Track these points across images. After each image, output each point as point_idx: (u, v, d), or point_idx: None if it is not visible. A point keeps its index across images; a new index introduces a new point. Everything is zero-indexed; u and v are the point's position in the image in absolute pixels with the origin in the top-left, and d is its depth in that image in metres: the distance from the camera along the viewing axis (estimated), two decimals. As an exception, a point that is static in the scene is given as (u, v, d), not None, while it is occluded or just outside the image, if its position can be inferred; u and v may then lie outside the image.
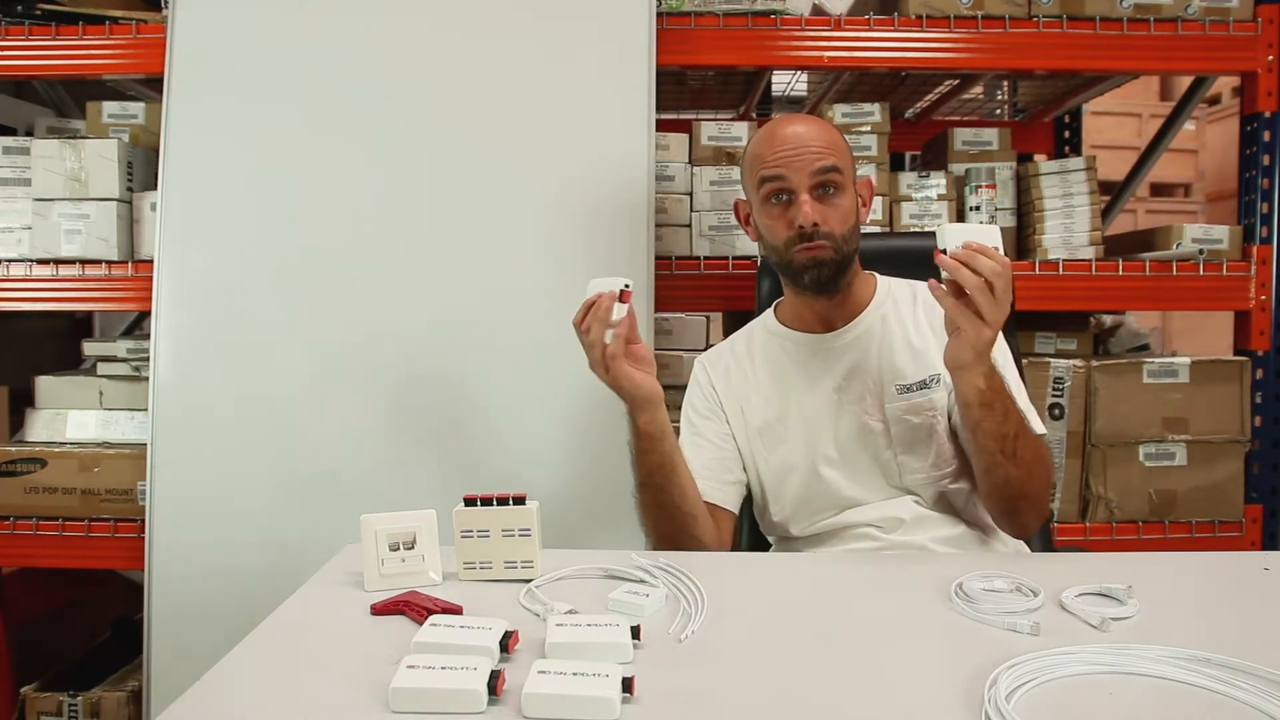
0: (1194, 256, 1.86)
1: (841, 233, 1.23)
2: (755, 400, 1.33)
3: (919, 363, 1.26)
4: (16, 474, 1.82)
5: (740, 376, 1.35)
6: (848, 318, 1.31)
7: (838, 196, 1.24)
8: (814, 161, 1.22)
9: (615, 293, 1.14)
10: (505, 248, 1.72)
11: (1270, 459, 1.89)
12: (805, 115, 1.30)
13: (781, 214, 1.24)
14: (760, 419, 1.32)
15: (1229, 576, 1.06)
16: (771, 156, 1.24)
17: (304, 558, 1.11)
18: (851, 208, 1.26)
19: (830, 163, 1.22)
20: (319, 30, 1.75)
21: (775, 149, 1.24)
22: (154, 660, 1.68)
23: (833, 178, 1.23)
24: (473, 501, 1.02)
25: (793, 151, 1.22)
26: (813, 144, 1.23)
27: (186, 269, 1.73)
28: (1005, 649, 0.79)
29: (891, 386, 1.26)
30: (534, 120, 1.74)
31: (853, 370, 1.29)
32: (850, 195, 1.26)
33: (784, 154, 1.23)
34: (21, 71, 1.93)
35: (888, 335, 1.29)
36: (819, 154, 1.22)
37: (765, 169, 1.24)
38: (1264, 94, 1.86)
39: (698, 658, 0.82)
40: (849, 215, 1.25)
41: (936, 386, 1.25)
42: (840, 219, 1.24)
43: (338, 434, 1.69)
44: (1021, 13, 1.83)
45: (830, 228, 1.22)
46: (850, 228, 1.25)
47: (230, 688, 0.77)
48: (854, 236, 1.26)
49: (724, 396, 1.35)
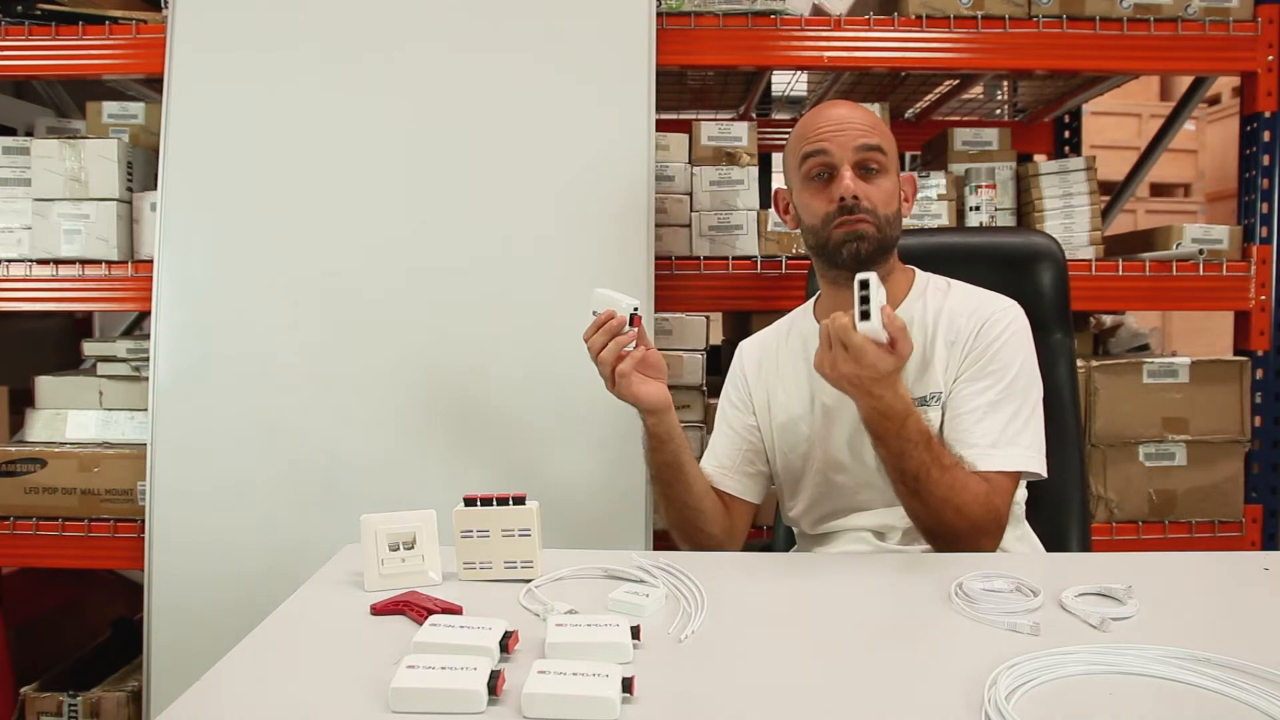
0: (1194, 256, 1.86)
1: (884, 214, 1.22)
2: (781, 396, 1.33)
3: (924, 378, 1.24)
4: (16, 474, 1.82)
5: (771, 369, 1.35)
6: None
7: (880, 177, 1.22)
8: (858, 138, 1.21)
9: (625, 318, 1.15)
10: (505, 247, 1.72)
11: (1270, 459, 1.89)
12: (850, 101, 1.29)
13: (822, 189, 1.23)
14: (784, 415, 1.32)
15: (1229, 576, 1.06)
16: (814, 132, 1.23)
17: (304, 558, 1.11)
18: (894, 191, 1.24)
19: (875, 141, 1.21)
20: (319, 30, 1.75)
21: (819, 126, 1.23)
22: (154, 660, 1.68)
23: (876, 157, 1.21)
24: (473, 501, 1.02)
25: (836, 128, 1.22)
26: (859, 122, 1.22)
27: (186, 269, 1.72)
28: (1005, 649, 0.79)
29: None
30: (534, 120, 1.73)
31: None
32: (893, 180, 1.24)
33: (828, 130, 1.22)
34: (21, 71, 1.93)
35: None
36: (863, 131, 1.21)
37: (808, 145, 1.23)
38: (1264, 94, 1.86)
39: (698, 658, 0.82)
40: (891, 198, 1.23)
41: (934, 405, 1.23)
42: (883, 199, 1.22)
43: (338, 434, 1.69)
44: (1021, 13, 1.83)
45: (873, 204, 1.21)
46: (893, 211, 1.23)
47: (230, 687, 0.77)
48: (896, 222, 1.24)
49: (754, 387, 1.36)
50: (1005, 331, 1.22)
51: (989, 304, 1.25)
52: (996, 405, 1.19)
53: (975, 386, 1.20)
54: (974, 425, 1.18)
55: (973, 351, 1.22)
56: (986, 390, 1.20)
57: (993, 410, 1.18)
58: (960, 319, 1.24)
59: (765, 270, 1.84)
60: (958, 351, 1.23)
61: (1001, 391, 1.19)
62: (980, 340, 1.22)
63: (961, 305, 1.26)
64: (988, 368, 1.21)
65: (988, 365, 1.21)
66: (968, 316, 1.24)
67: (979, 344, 1.22)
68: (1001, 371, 1.20)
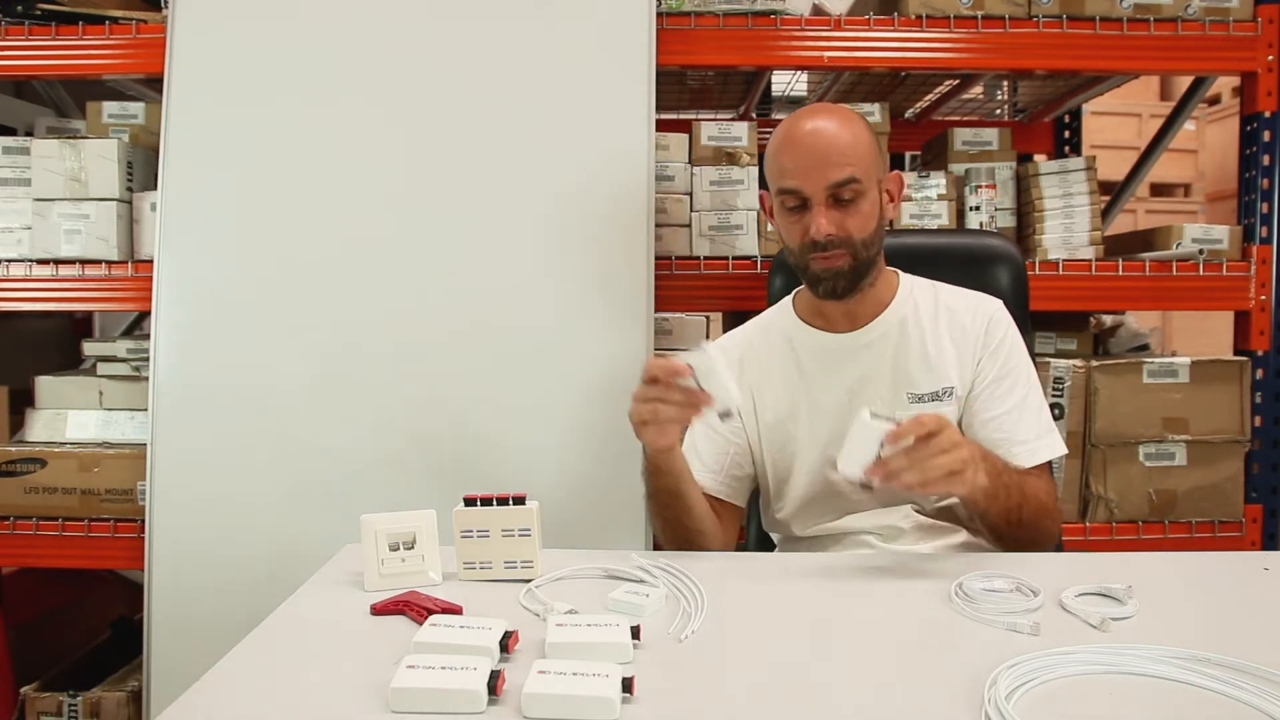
0: (1194, 256, 1.86)
1: (860, 239, 1.21)
2: (767, 395, 1.32)
3: (934, 373, 1.26)
4: (16, 474, 1.82)
5: (755, 368, 1.34)
6: (866, 318, 1.29)
7: (857, 203, 1.21)
8: (830, 174, 1.19)
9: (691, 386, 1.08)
10: (505, 247, 1.72)
11: (1270, 459, 1.89)
12: (829, 109, 1.25)
13: (797, 220, 1.23)
14: (771, 415, 1.31)
15: (1229, 576, 1.06)
16: (790, 165, 1.22)
17: (304, 558, 1.11)
18: (872, 213, 1.23)
19: (847, 175, 1.19)
20: (319, 31, 1.75)
21: (793, 157, 1.22)
22: (154, 660, 1.68)
23: (850, 188, 1.20)
24: (473, 501, 1.02)
25: (809, 162, 1.20)
26: (831, 152, 1.19)
27: (186, 269, 1.73)
28: (1005, 649, 0.79)
29: (904, 394, 1.26)
30: (534, 121, 1.73)
31: (866, 374, 1.28)
32: (871, 199, 1.22)
33: (801, 164, 1.21)
34: (21, 71, 1.93)
35: (905, 340, 1.28)
36: (837, 164, 1.19)
37: (783, 180, 1.23)
38: (1264, 94, 1.86)
39: (698, 658, 0.82)
40: (869, 220, 1.22)
41: (949, 400, 1.25)
42: (859, 225, 1.21)
43: (338, 434, 1.69)
44: (1021, 13, 1.83)
45: (848, 234, 1.21)
46: (870, 233, 1.23)
47: (230, 688, 0.77)
48: (875, 241, 1.24)
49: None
50: (1009, 328, 1.28)
51: (984, 303, 1.30)
52: (1025, 399, 1.25)
53: (1004, 386, 1.25)
54: (1017, 423, 1.24)
55: (987, 349, 1.26)
56: (1014, 387, 1.25)
57: (1024, 404, 1.25)
58: (963, 316, 1.28)
59: (765, 270, 1.83)
60: (969, 348, 1.26)
61: (1025, 385, 1.26)
62: (991, 338, 1.27)
63: (958, 303, 1.30)
64: (1007, 365, 1.26)
65: (1006, 363, 1.26)
66: (970, 314, 1.28)
67: (991, 341, 1.26)
68: (1018, 367, 1.27)
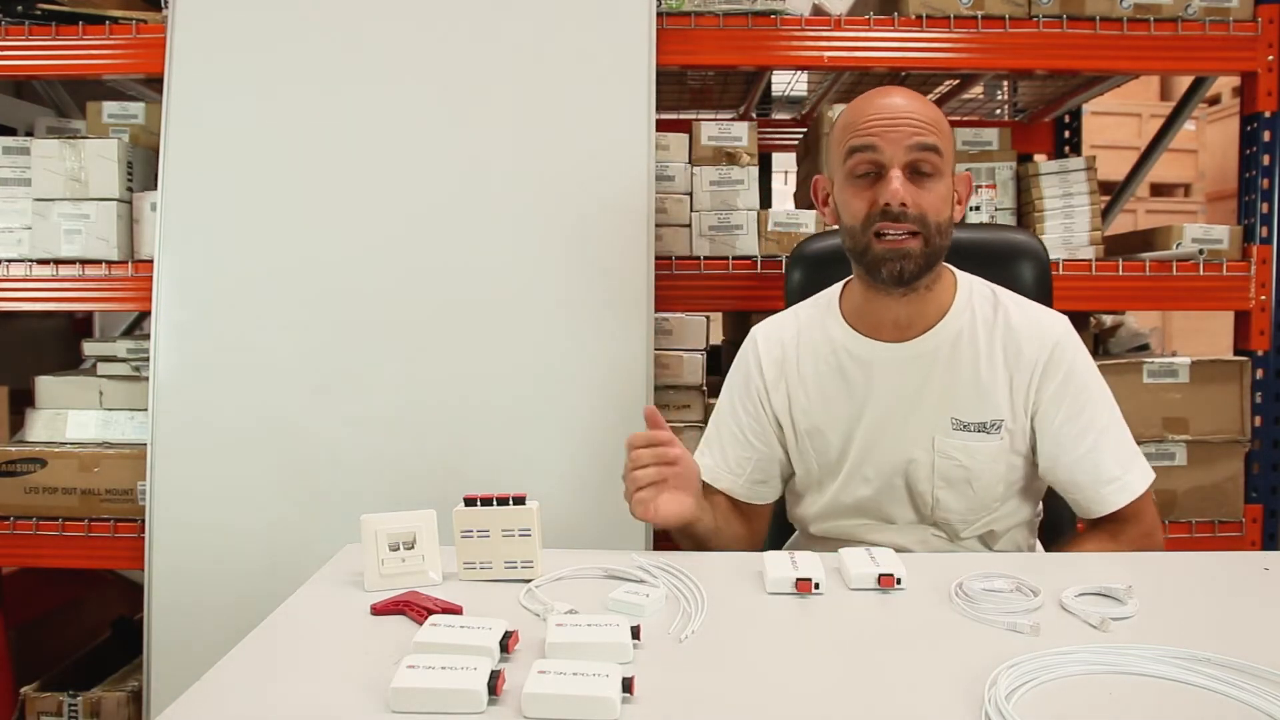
0: (1194, 256, 1.86)
1: (935, 222, 1.11)
2: (801, 398, 1.24)
3: (984, 402, 1.17)
4: (16, 474, 1.82)
5: (793, 372, 1.25)
6: (918, 329, 1.19)
7: (934, 181, 1.11)
8: (913, 135, 1.09)
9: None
10: (505, 247, 1.71)
11: (1270, 459, 1.89)
12: (906, 89, 1.15)
13: (867, 189, 1.12)
14: (807, 421, 1.24)
15: (1229, 576, 1.06)
16: (864, 124, 1.11)
17: (304, 558, 1.11)
18: (947, 195, 1.13)
19: (931, 140, 1.10)
20: (319, 30, 1.75)
21: (870, 117, 1.11)
22: (154, 660, 1.68)
23: (931, 158, 1.10)
24: (473, 501, 1.02)
25: (889, 122, 1.10)
26: (915, 117, 1.10)
27: (186, 269, 1.73)
28: (1005, 649, 0.79)
29: (947, 419, 1.18)
30: (534, 120, 1.73)
31: (912, 391, 1.19)
32: (947, 183, 1.13)
33: (880, 123, 1.10)
34: (21, 71, 1.93)
35: (956, 358, 1.18)
36: (919, 129, 1.09)
37: (856, 138, 1.11)
38: (1264, 94, 1.86)
39: (698, 658, 0.82)
40: (943, 205, 1.12)
41: (996, 433, 1.16)
42: (934, 206, 1.11)
43: (338, 434, 1.69)
44: (1021, 13, 1.83)
45: (922, 211, 1.10)
46: (944, 219, 1.12)
47: (230, 687, 0.77)
48: (947, 230, 1.13)
49: (771, 384, 1.26)
50: (1078, 353, 1.18)
51: (1049, 328, 1.18)
52: (1105, 430, 1.17)
53: (1079, 423, 1.16)
54: (1100, 460, 1.16)
55: (1054, 384, 1.16)
56: (1093, 421, 1.17)
57: (1104, 436, 1.17)
58: (1023, 341, 1.17)
59: (765, 270, 1.84)
60: (1024, 379, 1.17)
61: (1104, 415, 1.18)
62: (1057, 370, 1.16)
63: (1020, 320, 1.19)
64: (1080, 397, 1.16)
65: (1079, 395, 1.16)
66: (1032, 342, 1.17)
67: (1057, 373, 1.16)
68: (1093, 398, 1.18)
